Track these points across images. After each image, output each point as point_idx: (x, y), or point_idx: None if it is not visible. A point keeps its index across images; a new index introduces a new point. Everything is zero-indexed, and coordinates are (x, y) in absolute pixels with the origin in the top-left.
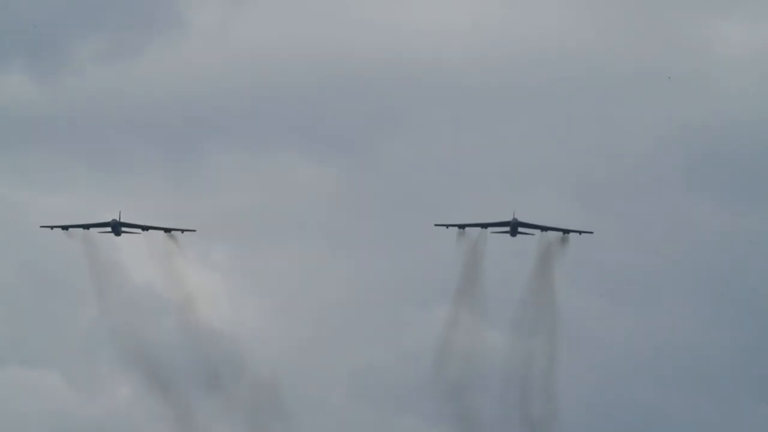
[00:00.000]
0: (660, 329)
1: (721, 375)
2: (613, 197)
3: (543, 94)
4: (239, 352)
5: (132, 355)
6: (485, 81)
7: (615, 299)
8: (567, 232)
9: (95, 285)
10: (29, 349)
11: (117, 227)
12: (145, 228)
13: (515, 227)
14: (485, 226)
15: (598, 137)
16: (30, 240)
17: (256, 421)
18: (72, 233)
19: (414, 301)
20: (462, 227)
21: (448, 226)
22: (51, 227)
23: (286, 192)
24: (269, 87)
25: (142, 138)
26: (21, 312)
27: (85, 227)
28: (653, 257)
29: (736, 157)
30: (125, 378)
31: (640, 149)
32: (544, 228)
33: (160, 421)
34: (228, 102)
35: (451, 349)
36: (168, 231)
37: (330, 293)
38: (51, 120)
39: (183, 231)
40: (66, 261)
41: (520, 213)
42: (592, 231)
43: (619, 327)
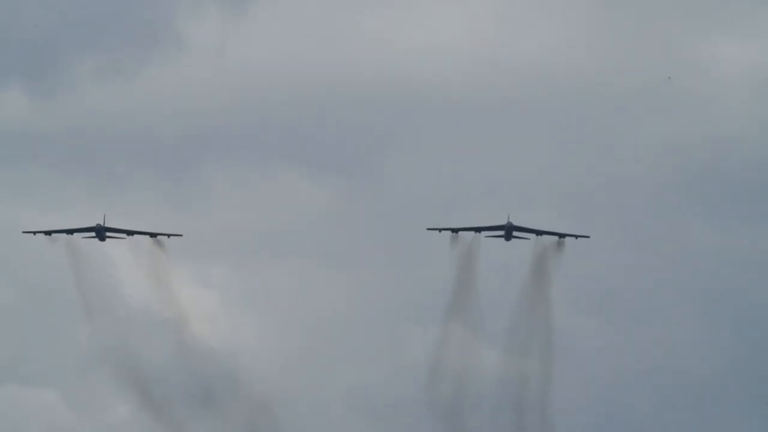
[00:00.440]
0: (657, 345)
1: (720, 393)
2: (609, 213)
3: (539, 111)
4: (235, 369)
5: (126, 374)
6: (483, 99)
7: (612, 312)
8: (563, 236)
9: (88, 303)
10: (20, 367)
11: (101, 232)
12: (130, 233)
13: (510, 231)
14: (479, 230)
15: (593, 154)
16: (24, 254)
17: None
18: (55, 239)
19: (410, 318)
20: (455, 231)
21: (441, 230)
22: (34, 233)
23: (283, 210)
24: (266, 105)
25: (139, 156)
26: (12, 328)
27: (69, 232)
28: (650, 272)
29: (732, 173)
30: (119, 396)
31: (635, 166)
32: (539, 232)
33: None
34: (225, 120)
35: (447, 367)
36: (154, 236)
37: (326, 310)
38: (49, 138)
39: (169, 236)
40: (57, 275)
41: (514, 216)
42: (588, 235)
43: (616, 342)
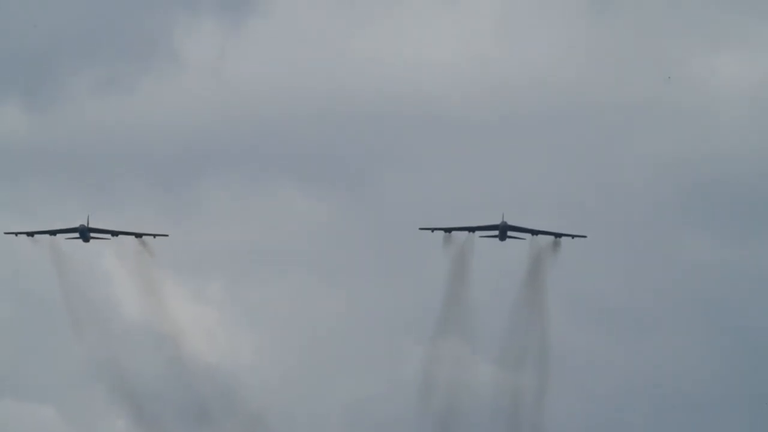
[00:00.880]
0: (656, 357)
1: (717, 409)
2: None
3: (536, 125)
4: (231, 385)
5: (119, 389)
6: (481, 113)
7: (609, 322)
8: (559, 235)
9: (77, 314)
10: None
11: (85, 233)
12: (115, 233)
13: (504, 231)
14: (473, 229)
15: (590, 167)
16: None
17: None
18: (38, 240)
19: (406, 332)
20: (448, 231)
21: (433, 229)
22: (15, 233)
23: (279, 225)
24: (264, 121)
25: (136, 171)
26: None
27: (52, 233)
28: (648, 282)
29: (730, 189)
30: (112, 411)
31: (632, 179)
32: (534, 231)
33: None
34: (223, 135)
35: (440, 381)
36: (139, 236)
37: (321, 325)
38: (46, 152)
39: (155, 236)
40: (44, 282)
41: (509, 216)
42: (585, 235)
43: (614, 354)
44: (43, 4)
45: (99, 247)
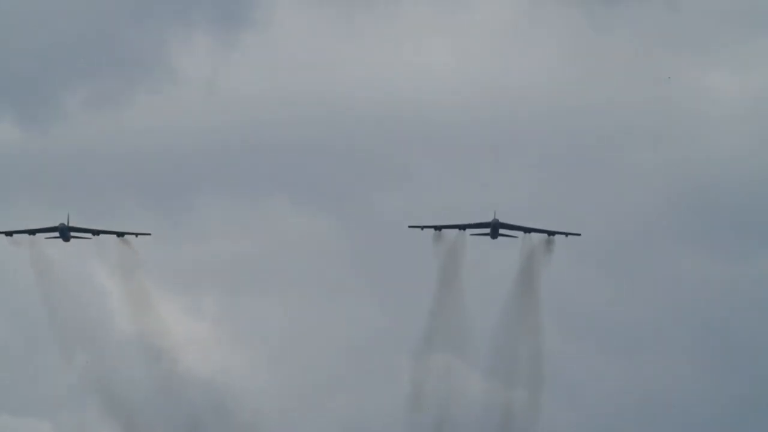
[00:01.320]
0: (651, 372)
1: (715, 424)
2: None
3: (531, 142)
4: (226, 402)
5: (114, 404)
6: (477, 130)
7: (603, 336)
8: (552, 233)
9: (74, 335)
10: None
11: (65, 232)
12: (96, 232)
13: (496, 228)
14: (463, 227)
15: (585, 186)
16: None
17: None
18: (17, 240)
19: (399, 347)
20: (438, 228)
21: (423, 227)
22: None
23: (274, 241)
24: (259, 136)
25: (130, 186)
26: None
27: (31, 232)
28: (643, 298)
29: (726, 207)
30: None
31: (628, 199)
32: (527, 229)
33: None
34: (217, 150)
35: (435, 395)
36: (121, 235)
37: (318, 343)
38: (39, 168)
39: (137, 235)
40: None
41: (500, 213)
42: (579, 233)
43: (609, 367)
44: (38, 18)
45: (90, 258)
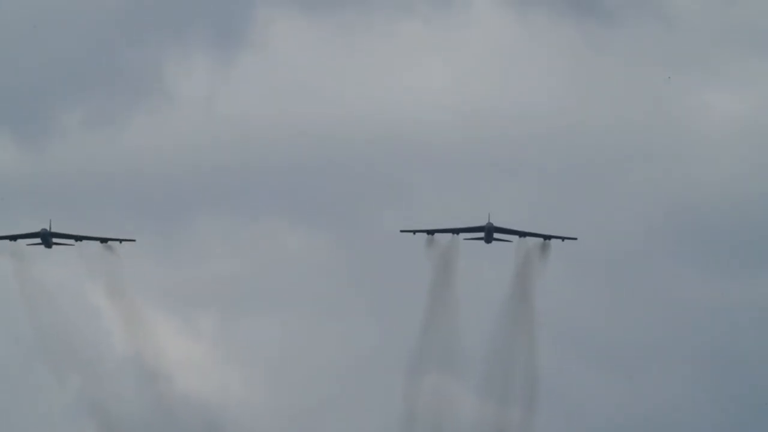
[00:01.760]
0: (646, 393)
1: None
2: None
3: (528, 162)
4: (223, 422)
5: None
6: (474, 150)
7: (601, 350)
8: (548, 238)
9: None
10: None
11: (47, 237)
12: (79, 238)
13: (490, 233)
14: (457, 231)
15: (582, 205)
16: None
17: None
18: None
19: (398, 368)
20: (431, 233)
21: (415, 231)
22: None
23: (272, 262)
24: (256, 157)
25: (128, 207)
26: None
27: (12, 238)
28: (640, 325)
29: (723, 226)
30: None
31: (626, 217)
32: (522, 233)
33: None
34: (215, 171)
35: (429, 415)
36: (104, 241)
37: (313, 362)
38: (36, 187)
39: (121, 241)
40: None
41: (495, 217)
42: (575, 237)
43: (606, 387)
44: (35, 38)
45: (80, 276)
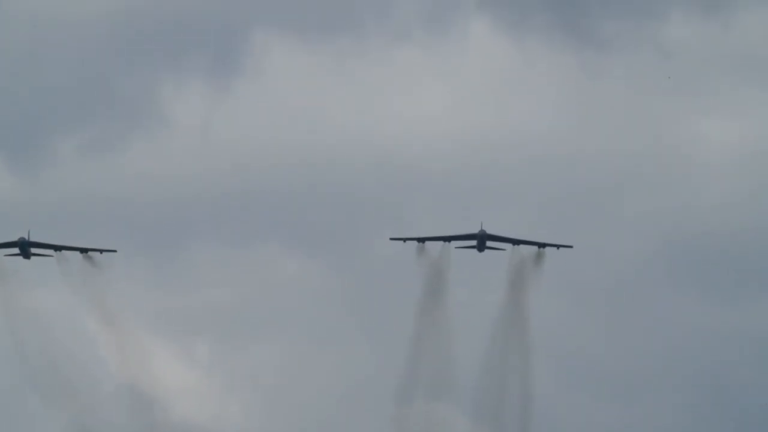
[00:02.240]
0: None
1: None
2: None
3: (525, 189)
4: None
5: None
6: (470, 177)
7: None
8: (543, 246)
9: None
10: None
11: (25, 247)
12: (58, 248)
13: (483, 241)
14: (448, 239)
15: (578, 235)
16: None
17: None
18: None
19: (394, 395)
20: (421, 241)
21: (405, 239)
22: None
23: (267, 287)
24: (252, 183)
25: (122, 233)
26: None
27: None
28: (636, 351)
29: (720, 254)
30: None
31: (621, 248)
32: (516, 241)
33: None
34: (210, 197)
35: None
36: (85, 251)
37: (309, 389)
38: (31, 214)
39: (102, 251)
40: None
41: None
42: (571, 245)
43: (600, 411)
44: (30, 64)
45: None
